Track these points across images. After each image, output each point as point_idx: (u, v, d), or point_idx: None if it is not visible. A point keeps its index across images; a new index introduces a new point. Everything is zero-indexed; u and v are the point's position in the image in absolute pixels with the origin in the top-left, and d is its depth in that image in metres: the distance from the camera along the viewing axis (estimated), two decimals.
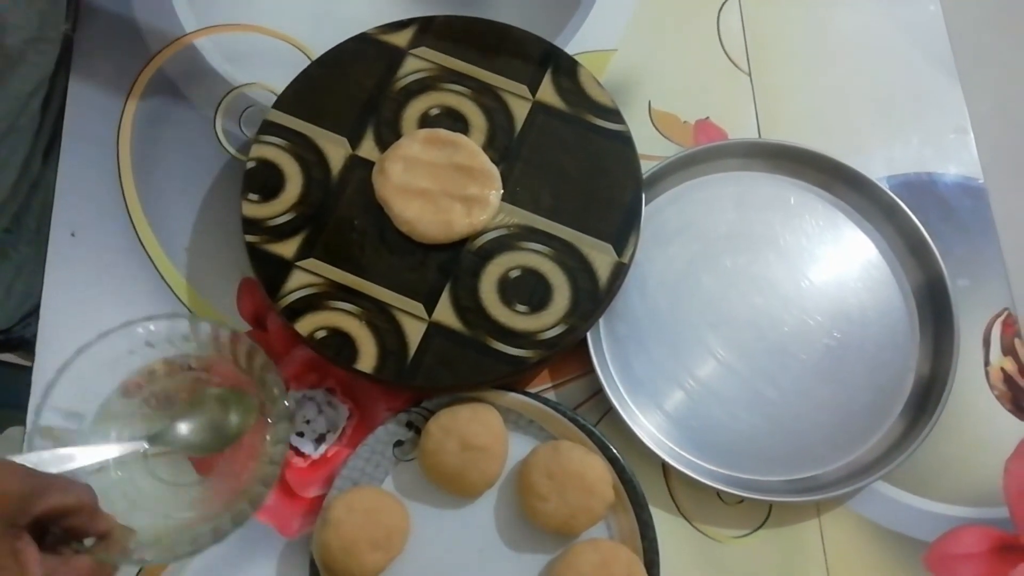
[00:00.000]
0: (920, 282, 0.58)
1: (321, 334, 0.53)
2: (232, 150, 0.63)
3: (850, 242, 0.59)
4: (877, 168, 0.61)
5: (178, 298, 0.59)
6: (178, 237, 0.60)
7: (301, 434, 0.56)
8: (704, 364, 0.56)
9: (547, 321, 0.53)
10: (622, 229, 0.54)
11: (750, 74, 0.64)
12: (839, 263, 0.59)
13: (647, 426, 0.55)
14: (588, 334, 0.54)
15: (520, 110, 0.57)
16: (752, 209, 0.60)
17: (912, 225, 0.58)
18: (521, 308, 0.53)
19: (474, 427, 0.52)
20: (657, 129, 0.63)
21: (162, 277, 0.59)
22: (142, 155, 0.62)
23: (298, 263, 0.54)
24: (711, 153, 0.60)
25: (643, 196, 0.55)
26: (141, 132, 0.63)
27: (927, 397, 0.55)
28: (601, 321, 0.56)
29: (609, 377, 0.56)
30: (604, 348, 0.57)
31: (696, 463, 0.54)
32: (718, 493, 0.53)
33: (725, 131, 0.62)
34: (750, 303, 0.57)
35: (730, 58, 0.65)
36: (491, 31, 0.60)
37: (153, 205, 0.61)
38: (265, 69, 0.65)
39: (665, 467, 0.54)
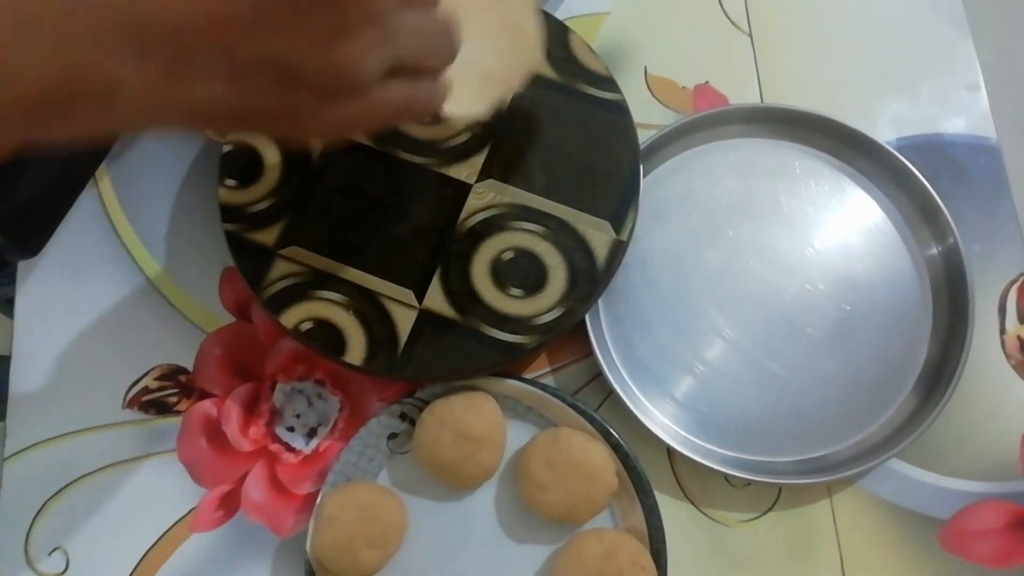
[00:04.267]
0: (932, 249, 0.55)
1: (307, 326, 0.50)
2: (210, 133, 0.60)
3: (858, 208, 0.57)
4: (885, 130, 0.58)
5: (157, 289, 0.56)
6: (156, 226, 0.58)
7: (291, 429, 0.54)
8: (709, 343, 0.54)
9: (543, 304, 0.50)
10: (619, 205, 0.52)
11: (751, 35, 0.61)
12: (846, 230, 0.56)
13: (650, 409, 0.53)
14: (587, 315, 0.52)
15: None
16: (755, 177, 0.57)
17: (923, 189, 0.55)
18: (516, 292, 0.51)
19: (470, 417, 0.50)
20: (654, 96, 0.60)
21: (139, 267, 0.57)
22: (120, 151, 0.59)
23: (280, 251, 0.51)
24: (711, 120, 0.57)
25: (641, 169, 0.52)
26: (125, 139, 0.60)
27: (941, 369, 0.53)
28: (600, 301, 0.54)
29: (609, 359, 0.54)
30: (604, 329, 0.55)
31: (702, 446, 0.52)
32: (725, 476, 0.51)
33: (726, 96, 0.59)
34: (755, 275, 0.55)
35: (729, 18, 0.62)
36: None
37: (128, 192, 0.58)
38: None
39: (670, 451, 0.52)
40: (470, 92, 0.46)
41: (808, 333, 0.54)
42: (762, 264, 0.55)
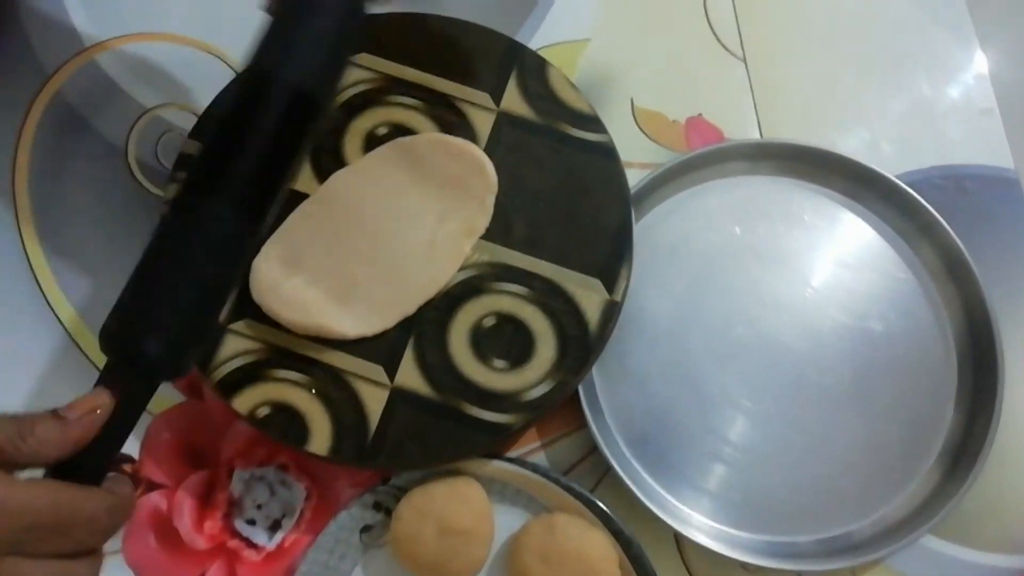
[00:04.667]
0: (952, 293, 0.51)
1: (264, 411, 0.44)
2: (149, 186, 0.54)
3: (869, 250, 0.52)
4: (894, 163, 0.53)
5: (95, 365, 0.50)
6: (92, 292, 0.51)
7: (252, 522, 0.48)
8: (716, 409, 0.49)
9: (531, 377, 0.45)
10: (611, 260, 0.46)
11: (745, 60, 0.56)
12: (858, 276, 0.51)
13: (654, 488, 0.48)
14: None
15: (483, 123, 0.49)
16: (757, 219, 0.52)
17: (940, 229, 0.50)
18: (499, 364, 0.45)
19: (453, 507, 0.45)
20: (643, 131, 0.54)
21: (75, 342, 0.51)
22: (43, 198, 0.53)
23: (230, 326, 0.45)
24: (707, 158, 0.52)
25: (633, 219, 0.47)
26: (40, 170, 0.54)
27: (969, 430, 0.48)
28: None
29: (606, 431, 0.48)
30: (598, 396, 0.49)
31: (713, 528, 0.47)
32: (741, 563, 0.46)
33: (720, 129, 0.54)
34: (761, 329, 0.50)
35: (720, 42, 0.56)
36: (443, 29, 0.51)
37: (60, 256, 0.52)
38: (183, 86, 0.55)
39: (678, 537, 0.46)
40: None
41: (824, 394, 0.49)
42: (768, 315, 0.50)
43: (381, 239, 0.46)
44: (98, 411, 0.32)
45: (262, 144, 0.36)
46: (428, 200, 0.47)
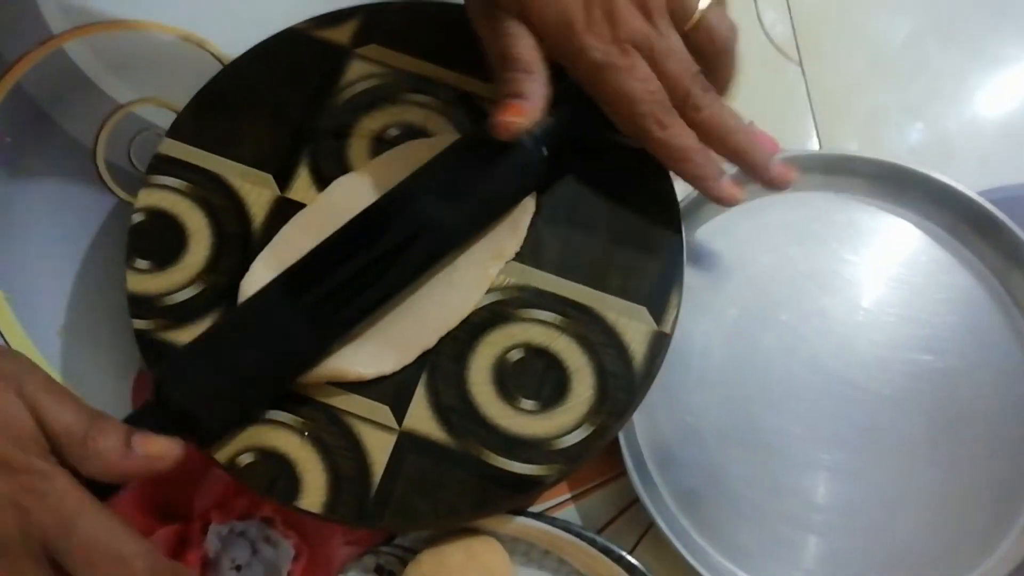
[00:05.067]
0: None
1: (246, 459, 0.37)
2: (121, 192, 0.47)
3: (949, 280, 0.45)
4: (975, 179, 0.47)
5: None
6: (49, 316, 0.44)
7: None
8: (777, 458, 0.42)
9: (565, 421, 0.38)
10: (659, 285, 0.40)
11: (801, 63, 0.50)
12: (935, 308, 0.45)
13: (703, 548, 0.41)
14: None
15: None
16: (817, 240, 0.46)
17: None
18: (528, 405, 0.38)
19: (470, 574, 0.37)
20: None
21: None
22: None
23: None
24: None
25: (684, 237, 0.41)
26: None
27: None
28: None
29: (647, 479, 0.41)
30: (637, 438, 0.43)
31: None
32: None
33: (775, 139, 0.48)
34: (825, 367, 0.43)
35: (774, 43, 0.50)
36: (462, 19, 0.44)
37: (13, 273, 0.45)
38: (161, 79, 0.49)
39: None
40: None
41: (900, 442, 0.42)
42: (832, 351, 0.44)
43: None
44: (164, 459, 0.32)
45: (377, 274, 0.37)
46: None
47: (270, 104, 0.43)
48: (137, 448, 0.31)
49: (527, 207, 0.40)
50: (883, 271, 0.45)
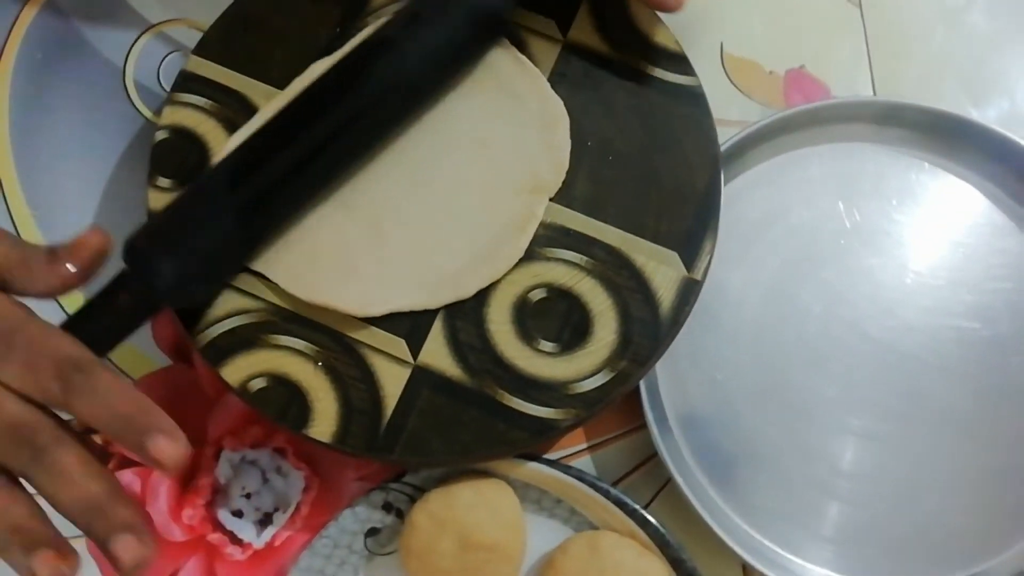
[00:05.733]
0: None
1: (258, 384, 0.37)
2: (148, 113, 0.46)
3: (1006, 245, 0.43)
4: None
5: (60, 305, 0.43)
6: (67, 225, 0.44)
7: (239, 513, 0.40)
8: (806, 420, 0.40)
9: (585, 365, 0.36)
10: (693, 230, 0.38)
11: (860, 6, 0.47)
12: (989, 273, 0.42)
13: (721, 508, 0.39)
14: None
15: (545, 55, 0.40)
16: (866, 195, 0.43)
17: None
18: (547, 346, 0.37)
19: (478, 516, 0.37)
20: (733, 83, 0.45)
21: None
22: (25, 122, 0.46)
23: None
24: (808, 118, 0.43)
25: (722, 181, 0.39)
26: (23, 90, 0.46)
27: None
28: None
29: (667, 435, 0.40)
30: (660, 392, 0.41)
31: (792, 561, 0.39)
32: None
33: (826, 85, 0.45)
34: (867, 330, 0.41)
35: None
36: None
37: (39, 191, 0.45)
38: (196, 0, 0.47)
39: (746, 569, 0.38)
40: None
41: (944, 413, 0.40)
42: (875, 314, 0.41)
43: (421, 183, 0.38)
44: (95, 252, 0.32)
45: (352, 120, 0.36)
46: (479, 126, 0.39)
47: (297, 25, 0.41)
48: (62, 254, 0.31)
49: (563, 141, 0.38)
50: (935, 232, 0.43)
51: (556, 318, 0.37)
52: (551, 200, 0.38)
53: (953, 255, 0.42)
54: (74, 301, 0.43)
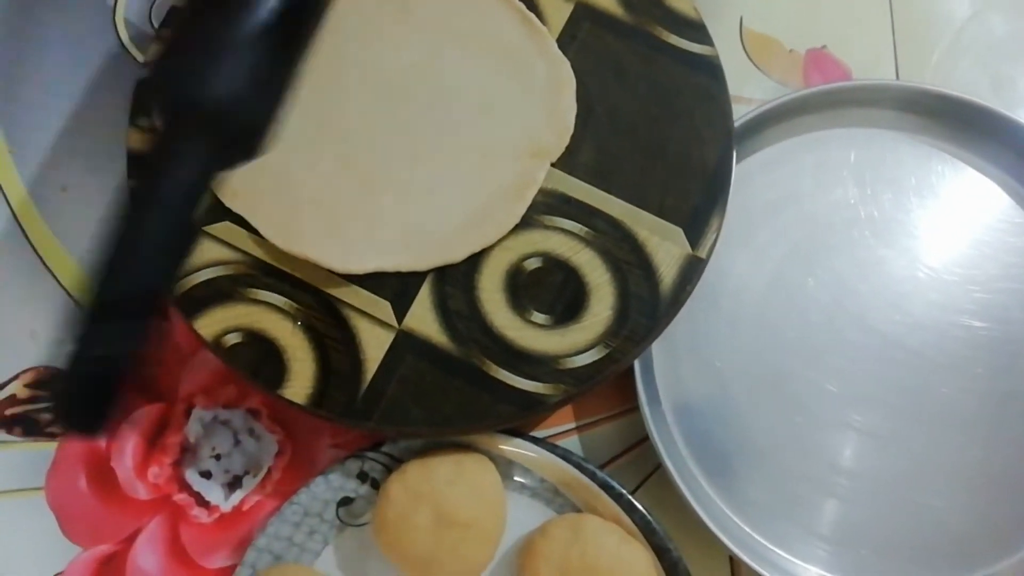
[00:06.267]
0: None
1: (233, 339, 0.35)
2: (136, 51, 0.44)
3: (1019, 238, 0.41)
4: None
5: (40, 257, 0.41)
6: (52, 174, 0.42)
7: (207, 474, 0.39)
8: (801, 411, 0.38)
9: (578, 340, 0.35)
10: (700, 206, 0.36)
11: None
12: (1004, 271, 0.40)
13: (710, 498, 0.38)
14: None
15: (556, 15, 0.38)
16: (881, 183, 0.41)
17: None
18: (539, 318, 0.35)
19: (457, 492, 0.35)
20: (751, 59, 0.44)
21: (25, 234, 0.41)
22: (8, 54, 0.43)
23: (207, 227, 0.36)
24: (827, 99, 0.41)
25: (734, 158, 0.37)
26: (8, 20, 0.44)
27: None
28: None
29: (660, 419, 0.38)
30: (654, 374, 0.39)
31: (783, 558, 0.37)
32: None
33: (848, 67, 0.43)
34: (874, 324, 0.39)
35: None
36: None
37: (20, 128, 0.43)
38: None
39: (733, 562, 0.37)
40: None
41: (950, 413, 0.38)
42: (883, 308, 0.40)
43: (418, 141, 0.36)
44: None
45: None
46: (480, 86, 0.37)
47: None
48: None
49: (568, 105, 0.36)
50: (952, 226, 0.41)
51: (550, 289, 0.35)
52: (553, 166, 0.36)
53: (968, 251, 0.41)
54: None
